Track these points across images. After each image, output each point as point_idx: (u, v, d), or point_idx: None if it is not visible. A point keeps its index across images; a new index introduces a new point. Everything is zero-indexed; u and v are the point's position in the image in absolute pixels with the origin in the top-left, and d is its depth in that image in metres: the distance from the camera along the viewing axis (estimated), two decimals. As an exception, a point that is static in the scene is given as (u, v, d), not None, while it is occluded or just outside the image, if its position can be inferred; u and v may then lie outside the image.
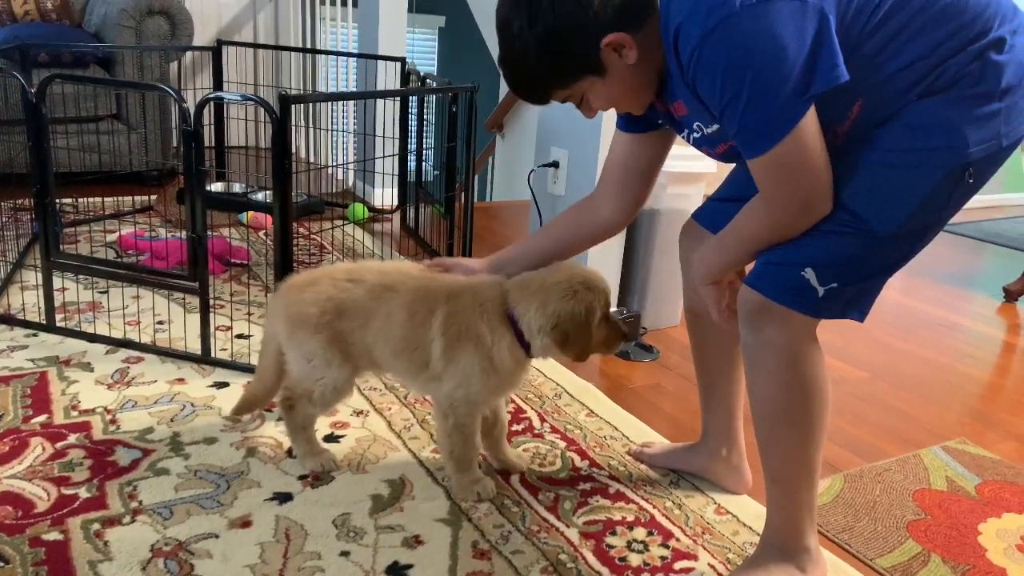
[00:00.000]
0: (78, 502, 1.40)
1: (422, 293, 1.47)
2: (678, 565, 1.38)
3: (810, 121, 1.08)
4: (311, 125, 4.37)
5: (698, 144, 1.31)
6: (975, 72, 1.09)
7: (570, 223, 1.52)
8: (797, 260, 1.18)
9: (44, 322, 2.06)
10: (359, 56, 3.56)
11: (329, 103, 4.23)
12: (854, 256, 1.16)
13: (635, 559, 1.38)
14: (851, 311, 1.22)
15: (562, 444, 1.74)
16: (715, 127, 1.22)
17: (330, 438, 1.69)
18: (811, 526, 1.32)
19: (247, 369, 1.92)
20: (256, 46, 3.74)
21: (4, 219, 2.62)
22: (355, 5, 4.01)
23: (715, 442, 1.59)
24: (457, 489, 1.52)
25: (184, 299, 2.29)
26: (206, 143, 2.13)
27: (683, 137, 1.35)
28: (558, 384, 2.03)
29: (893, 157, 1.13)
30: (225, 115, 3.55)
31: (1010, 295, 3.23)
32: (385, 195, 3.64)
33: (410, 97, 3.06)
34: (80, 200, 3.10)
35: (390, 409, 1.83)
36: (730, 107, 1.09)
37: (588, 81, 1.21)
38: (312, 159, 4.40)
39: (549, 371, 2.10)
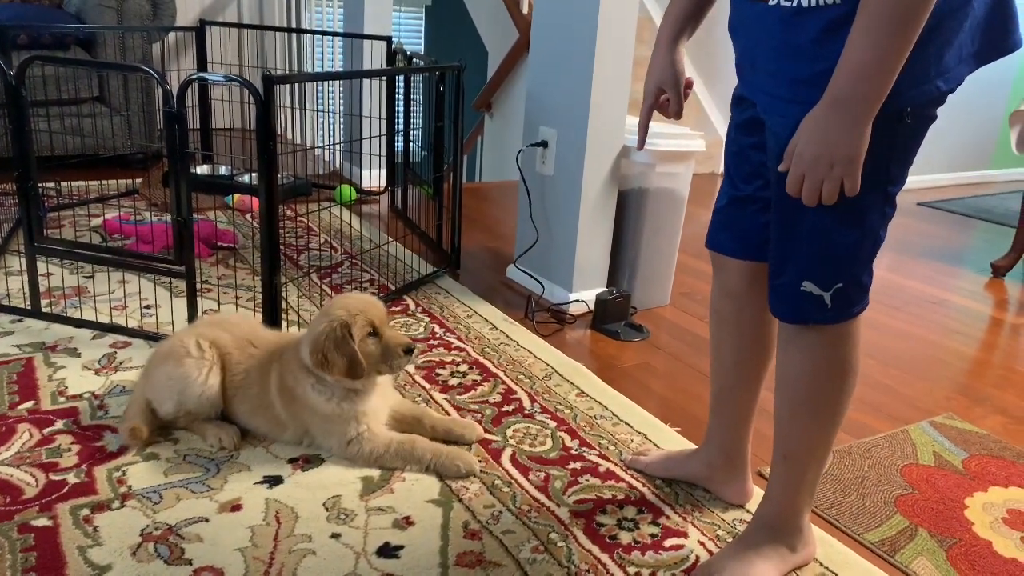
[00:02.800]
0: (67, 488, 1.39)
1: (268, 351, 1.57)
2: (668, 542, 1.39)
3: None
4: (297, 106, 4.33)
5: None
6: None
7: None
8: (793, 276, 1.16)
9: (29, 308, 2.05)
10: (345, 35, 3.53)
11: (315, 83, 4.19)
12: (825, 237, 1.11)
13: (625, 537, 1.39)
14: (859, 304, 1.18)
15: (552, 424, 1.75)
16: None
17: (320, 421, 1.68)
18: (808, 505, 1.32)
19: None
20: (240, 26, 3.70)
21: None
22: (340, -16, 3.96)
23: (718, 450, 1.51)
24: (440, 470, 1.52)
25: (171, 283, 2.28)
26: (191, 125, 2.11)
27: None
28: (548, 364, 2.03)
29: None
30: (209, 96, 3.51)
31: (997, 271, 3.25)
32: (373, 176, 3.62)
33: (397, 77, 3.03)
34: (64, 184, 3.07)
35: (380, 391, 1.83)
36: None
37: None
38: (298, 140, 4.36)
39: (539, 352, 2.10)
